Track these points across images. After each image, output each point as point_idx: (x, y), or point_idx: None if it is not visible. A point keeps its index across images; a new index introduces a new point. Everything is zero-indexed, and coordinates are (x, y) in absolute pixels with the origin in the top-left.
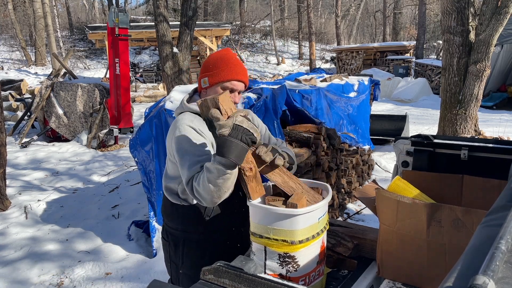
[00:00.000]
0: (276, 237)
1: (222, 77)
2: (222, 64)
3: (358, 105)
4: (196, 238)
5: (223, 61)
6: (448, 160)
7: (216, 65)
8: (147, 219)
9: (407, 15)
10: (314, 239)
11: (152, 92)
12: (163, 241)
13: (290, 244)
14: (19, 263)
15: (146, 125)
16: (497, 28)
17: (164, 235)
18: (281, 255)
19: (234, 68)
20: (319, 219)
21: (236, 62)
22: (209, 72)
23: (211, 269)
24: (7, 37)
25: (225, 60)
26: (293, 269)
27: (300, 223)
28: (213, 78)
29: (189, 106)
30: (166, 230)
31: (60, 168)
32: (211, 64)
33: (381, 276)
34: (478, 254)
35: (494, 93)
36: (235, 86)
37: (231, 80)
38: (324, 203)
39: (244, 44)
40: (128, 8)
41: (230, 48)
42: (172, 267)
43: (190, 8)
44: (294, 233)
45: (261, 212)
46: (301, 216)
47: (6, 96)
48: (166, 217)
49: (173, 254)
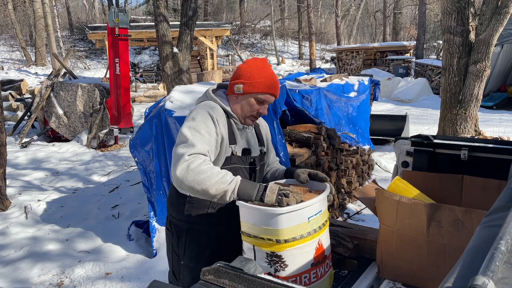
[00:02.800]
0: (263, 236)
1: (258, 89)
2: (259, 76)
3: (358, 105)
4: (199, 229)
5: (261, 73)
6: (448, 160)
7: (253, 75)
8: (147, 219)
9: (407, 15)
10: (304, 239)
11: (152, 92)
12: (167, 232)
13: (276, 243)
14: (19, 263)
15: (146, 125)
16: (497, 28)
17: (168, 226)
18: (268, 254)
19: (270, 81)
20: (309, 218)
21: (272, 75)
22: (245, 80)
23: (211, 269)
24: (7, 37)
25: (262, 72)
26: (281, 268)
27: (284, 222)
28: (248, 87)
29: (213, 97)
30: (170, 220)
31: (60, 168)
32: (248, 73)
33: (381, 276)
34: (478, 255)
35: (494, 93)
36: (267, 99)
37: (266, 93)
38: (311, 202)
39: (244, 44)
40: (128, 8)
41: (266, 59)
42: (174, 257)
43: (190, 8)
44: (279, 232)
45: (248, 212)
46: (284, 215)
47: (6, 96)
48: (171, 207)
49: (175, 245)
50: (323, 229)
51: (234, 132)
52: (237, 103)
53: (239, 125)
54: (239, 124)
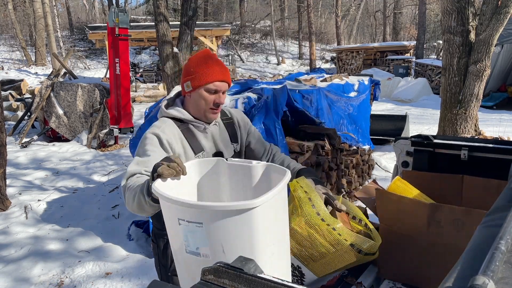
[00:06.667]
0: None
1: (205, 79)
2: (202, 66)
3: (359, 105)
4: None
5: (203, 63)
6: (448, 160)
7: (197, 67)
8: (147, 219)
9: (407, 15)
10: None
11: (152, 92)
12: (153, 245)
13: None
14: (20, 263)
15: (146, 125)
16: (497, 28)
17: (153, 237)
18: None
19: (215, 69)
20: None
21: (216, 62)
22: (190, 75)
23: (211, 269)
24: (7, 37)
25: (205, 62)
26: None
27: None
28: (195, 81)
29: (167, 112)
30: (154, 232)
31: (60, 168)
32: (191, 67)
33: (381, 276)
34: (478, 254)
35: (494, 93)
36: (218, 87)
37: (214, 81)
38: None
39: (244, 44)
40: (128, 8)
41: (209, 49)
42: (161, 270)
43: (190, 8)
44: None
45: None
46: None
47: (6, 96)
48: (154, 219)
49: (161, 256)
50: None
51: (198, 138)
52: (191, 101)
53: (200, 128)
54: (200, 127)
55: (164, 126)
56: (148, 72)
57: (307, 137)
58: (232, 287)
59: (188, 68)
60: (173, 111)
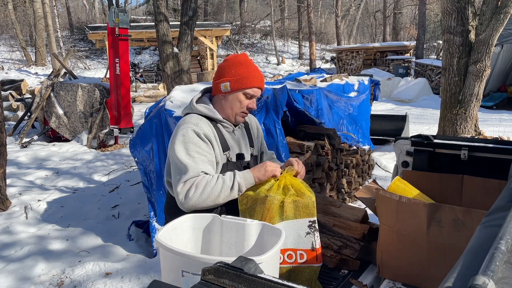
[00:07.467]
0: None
1: (246, 83)
2: (244, 70)
3: (359, 105)
4: None
5: (246, 68)
6: (448, 160)
7: (238, 70)
8: (147, 219)
9: (407, 15)
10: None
11: (152, 92)
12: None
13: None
14: (20, 263)
15: (146, 125)
16: (497, 28)
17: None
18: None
19: (256, 74)
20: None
21: (256, 68)
22: (231, 77)
23: (211, 269)
24: (7, 37)
25: (246, 66)
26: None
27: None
28: (236, 84)
29: (198, 108)
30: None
31: (61, 168)
32: (232, 69)
33: (381, 276)
34: (478, 254)
35: (494, 93)
36: (255, 93)
37: (254, 87)
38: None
39: (244, 44)
40: (128, 8)
41: (246, 53)
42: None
43: (190, 8)
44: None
45: None
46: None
47: (6, 96)
48: (168, 214)
49: None
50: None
51: (226, 137)
52: (225, 102)
53: (228, 129)
54: (228, 128)
55: (201, 123)
56: (148, 72)
57: (307, 137)
58: (232, 287)
59: (228, 69)
60: (203, 109)
